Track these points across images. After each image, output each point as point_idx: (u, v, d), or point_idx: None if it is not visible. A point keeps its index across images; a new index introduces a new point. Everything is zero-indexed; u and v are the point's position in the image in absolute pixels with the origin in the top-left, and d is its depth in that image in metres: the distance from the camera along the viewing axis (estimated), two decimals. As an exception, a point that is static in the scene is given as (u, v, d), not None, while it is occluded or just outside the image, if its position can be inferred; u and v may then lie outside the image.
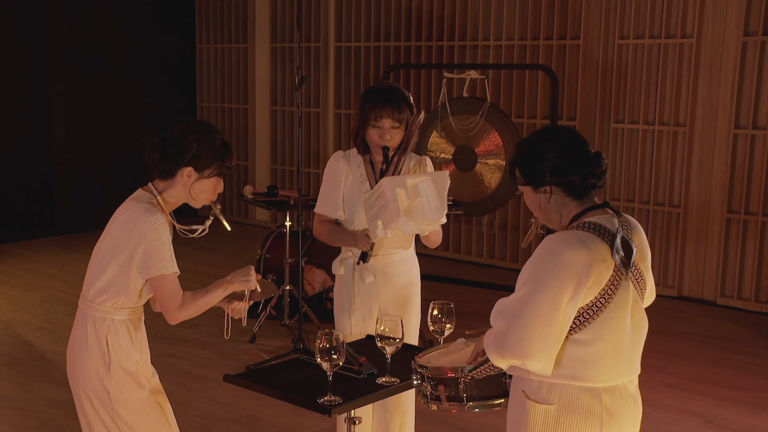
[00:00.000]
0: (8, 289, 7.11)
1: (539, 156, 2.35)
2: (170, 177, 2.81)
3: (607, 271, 2.23)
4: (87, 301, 2.82)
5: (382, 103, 3.28)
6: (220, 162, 2.82)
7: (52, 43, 8.97)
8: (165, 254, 2.73)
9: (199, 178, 2.80)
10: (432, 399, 2.50)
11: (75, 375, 2.84)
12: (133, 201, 2.80)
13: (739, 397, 4.99)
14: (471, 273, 7.69)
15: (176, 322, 2.83)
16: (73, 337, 2.87)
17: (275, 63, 9.69)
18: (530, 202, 2.43)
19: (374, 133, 3.31)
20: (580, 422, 2.28)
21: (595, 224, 2.27)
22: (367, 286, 3.39)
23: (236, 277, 2.89)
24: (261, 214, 9.92)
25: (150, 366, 2.93)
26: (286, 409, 4.58)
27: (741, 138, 6.69)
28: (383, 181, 3.01)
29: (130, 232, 2.72)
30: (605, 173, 2.37)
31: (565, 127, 2.44)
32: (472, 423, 4.55)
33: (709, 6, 6.76)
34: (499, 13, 7.90)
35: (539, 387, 2.31)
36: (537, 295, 2.21)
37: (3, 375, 5.23)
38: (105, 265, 2.77)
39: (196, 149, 2.77)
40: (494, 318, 2.33)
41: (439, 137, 6.59)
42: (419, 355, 2.67)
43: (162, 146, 2.79)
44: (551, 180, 2.34)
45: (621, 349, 2.28)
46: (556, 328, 2.21)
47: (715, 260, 6.88)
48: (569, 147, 2.35)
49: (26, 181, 8.94)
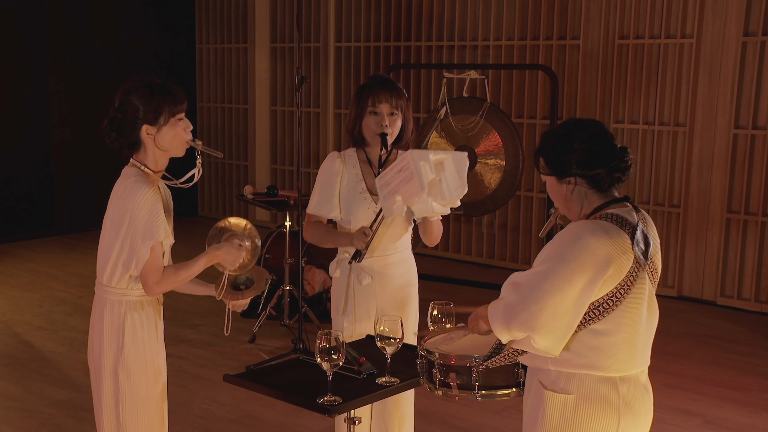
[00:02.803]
0: (8, 289, 7.11)
1: (567, 147, 2.34)
2: (139, 145, 2.80)
3: (627, 262, 2.25)
4: (102, 286, 2.83)
5: (380, 89, 3.31)
6: (168, 105, 2.78)
7: (52, 43, 8.97)
8: (156, 224, 2.73)
9: (159, 129, 2.78)
10: (441, 385, 2.50)
11: (92, 358, 2.88)
12: (122, 179, 2.81)
13: (739, 397, 4.99)
14: (471, 273, 7.70)
15: (154, 295, 2.83)
16: (91, 322, 2.90)
17: (275, 63, 9.69)
18: (553, 192, 2.42)
19: (372, 120, 3.32)
20: (598, 412, 2.30)
21: (617, 216, 2.29)
22: (364, 288, 3.37)
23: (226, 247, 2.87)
24: (261, 214, 9.92)
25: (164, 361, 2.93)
26: (286, 409, 4.58)
27: (741, 138, 6.69)
28: (407, 154, 2.94)
29: (124, 208, 2.73)
30: (630, 168, 2.36)
31: (594, 120, 2.42)
32: (473, 423, 4.55)
33: (709, 6, 6.76)
34: (499, 13, 7.90)
35: (557, 377, 2.32)
36: (555, 273, 2.22)
37: (3, 375, 5.23)
38: (111, 245, 2.78)
39: (142, 106, 2.76)
40: (506, 289, 2.33)
41: (439, 137, 6.59)
42: (424, 339, 2.66)
43: (114, 124, 2.80)
44: (577, 172, 2.33)
45: (636, 340, 2.31)
46: (568, 308, 2.22)
47: (715, 260, 6.88)
48: (597, 140, 2.34)
49: (26, 181, 8.94)
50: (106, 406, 2.83)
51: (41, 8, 8.83)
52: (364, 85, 3.40)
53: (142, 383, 2.83)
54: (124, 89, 2.81)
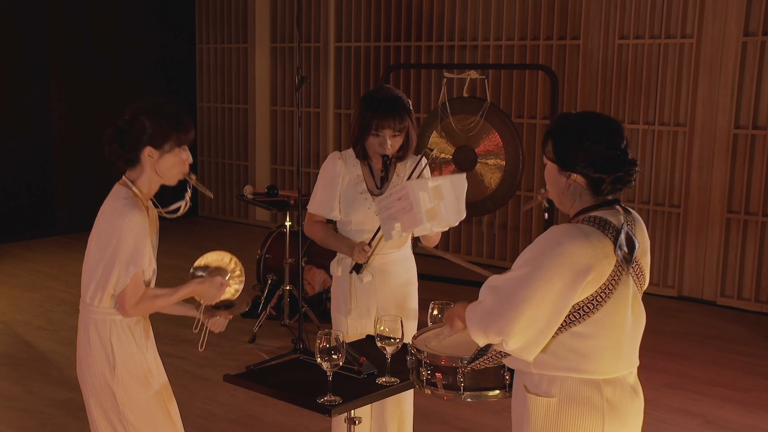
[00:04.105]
0: (8, 289, 7.11)
1: (579, 143, 2.26)
2: (136, 163, 2.78)
3: (608, 266, 2.23)
4: (86, 305, 2.82)
5: (384, 113, 3.26)
6: (176, 133, 2.77)
7: (52, 43, 8.97)
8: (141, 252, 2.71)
9: (161, 155, 2.76)
10: (428, 384, 2.50)
11: (83, 376, 2.85)
12: (112, 198, 2.79)
13: (739, 397, 4.99)
14: (471, 273, 7.67)
15: (127, 317, 2.80)
16: (78, 341, 2.88)
17: (275, 63, 9.69)
18: (550, 179, 2.36)
19: (375, 142, 3.31)
20: (582, 414, 2.28)
21: (600, 219, 2.26)
22: (365, 286, 3.39)
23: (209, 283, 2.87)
24: (261, 214, 9.92)
25: (158, 362, 2.92)
26: (286, 409, 4.58)
27: (741, 138, 6.69)
28: (407, 185, 2.97)
29: (110, 232, 2.72)
30: (633, 181, 2.31)
31: (614, 120, 2.32)
32: (472, 423, 4.55)
33: (709, 6, 6.76)
34: (499, 13, 7.90)
35: (540, 380, 2.31)
36: (532, 279, 2.21)
37: (3, 375, 5.23)
38: (95, 266, 2.77)
39: (150, 128, 2.74)
40: (484, 293, 2.32)
41: (439, 137, 6.59)
42: (415, 336, 2.67)
43: (118, 136, 2.77)
44: (581, 170, 2.27)
45: (621, 343, 2.29)
46: (545, 314, 2.21)
47: (715, 260, 6.88)
48: (611, 145, 2.26)
49: (26, 181, 8.94)
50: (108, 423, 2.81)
51: (41, 8, 8.83)
52: (370, 102, 3.31)
53: (141, 392, 2.82)
54: (138, 106, 2.79)
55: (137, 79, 9.65)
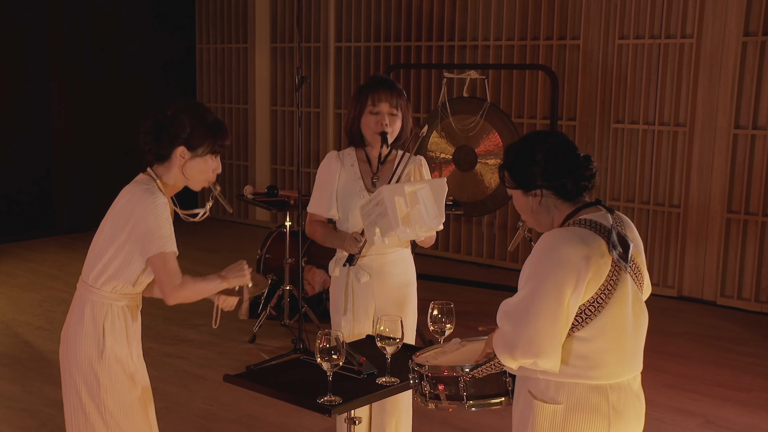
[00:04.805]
0: (8, 289, 7.12)
1: (529, 160, 2.35)
2: (166, 159, 2.80)
3: (605, 265, 2.24)
4: (87, 285, 2.81)
5: (379, 88, 3.33)
6: (212, 139, 2.79)
7: (52, 43, 8.97)
8: (165, 233, 2.71)
9: (193, 157, 2.78)
10: (431, 398, 2.51)
11: (67, 357, 2.84)
12: (134, 184, 2.79)
13: (739, 397, 4.99)
14: (471, 273, 7.69)
15: (174, 303, 2.79)
16: (68, 320, 2.86)
17: (275, 63, 9.69)
18: (520, 206, 2.43)
19: (372, 120, 3.32)
20: (588, 421, 2.29)
21: (590, 221, 2.29)
22: (363, 286, 3.39)
23: (231, 272, 2.89)
24: (261, 214, 9.92)
25: (142, 364, 2.92)
26: (286, 409, 4.58)
27: (741, 138, 6.69)
28: (382, 190, 3.01)
29: (130, 213, 2.71)
30: (595, 175, 2.38)
31: (554, 131, 2.47)
32: (473, 423, 4.55)
33: (709, 6, 6.76)
34: (499, 13, 7.90)
35: (546, 387, 2.31)
36: (539, 293, 2.22)
37: (3, 375, 5.23)
38: (105, 248, 2.76)
39: (189, 128, 2.76)
40: (500, 320, 2.33)
41: (439, 137, 6.59)
42: (416, 355, 2.67)
43: (154, 129, 2.78)
44: (542, 183, 2.34)
45: (624, 344, 2.30)
46: (561, 323, 2.22)
47: (715, 260, 6.88)
48: (559, 150, 2.35)
49: (26, 181, 8.94)
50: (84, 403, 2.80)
51: (41, 8, 8.83)
52: (364, 85, 3.41)
53: (124, 387, 2.81)
54: (182, 105, 2.82)
55: (137, 79, 9.65)
